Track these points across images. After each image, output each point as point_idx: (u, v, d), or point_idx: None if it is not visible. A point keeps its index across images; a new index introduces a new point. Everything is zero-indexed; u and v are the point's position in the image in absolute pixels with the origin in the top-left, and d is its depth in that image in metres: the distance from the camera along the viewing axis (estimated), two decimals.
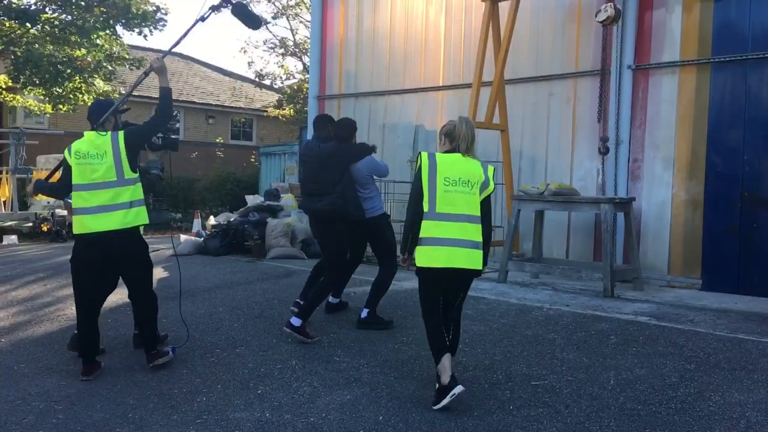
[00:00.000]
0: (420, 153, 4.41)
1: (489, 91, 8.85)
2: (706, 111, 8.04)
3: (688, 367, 4.89)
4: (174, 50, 5.50)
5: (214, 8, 5.39)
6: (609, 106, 8.69)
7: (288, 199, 11.85)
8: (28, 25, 17.14)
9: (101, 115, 4.86)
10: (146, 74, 5.29)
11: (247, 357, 5.26)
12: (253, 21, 5.64)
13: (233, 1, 5.56)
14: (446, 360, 4.15)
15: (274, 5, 25.52)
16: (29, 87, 16.68)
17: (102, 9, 16.76)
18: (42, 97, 16.28)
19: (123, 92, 19.48)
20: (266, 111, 25.23)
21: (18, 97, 18.17)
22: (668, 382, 4.59)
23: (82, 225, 4.74)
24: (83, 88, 17.22)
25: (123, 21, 17.94)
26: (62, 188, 5.01)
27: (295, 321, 5.60)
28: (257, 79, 26.29)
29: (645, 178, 8.51)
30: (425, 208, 4.27)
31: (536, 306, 6.76)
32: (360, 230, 6.06)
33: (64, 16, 17.66)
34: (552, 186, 8.08)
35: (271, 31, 37.76)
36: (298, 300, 6.21)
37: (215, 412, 4.15)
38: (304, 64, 24.95)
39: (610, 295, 7.35)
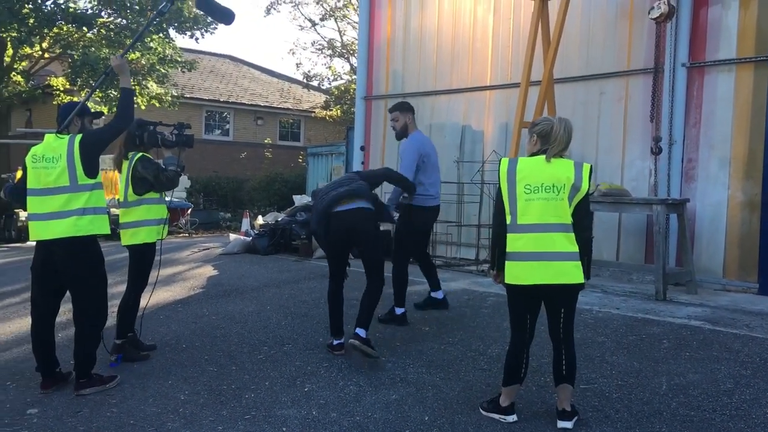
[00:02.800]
0: (501, 159, 4.03)
1: (537, 90, 8.75)
2: (764, 109, 7.76)
3: (743, 372, 4.75)
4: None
5: (171, 0, 5.17)
6: (662, 104, 8.48)
7: None
8: (84, 29, 17.71)
9: (66, 117, 4.61)
10: (106, 74, 5.09)
11: (294, 355, 5.31)
12: (222, 15, 5.24)
13: None
14: (563, 391, 3.87)
15: (323, 7, 25.76)
16: (86, 89, 17.17)
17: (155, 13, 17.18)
18: (98, 99, 16.78)
19: (174, 95, 19.98)
20: (314, 112, 25.45)
21: (75, 99, 18.72)
22: (723, 388, 4.46)
23: (32, 232, 4.51)
24: (137, 91, 17.65)
25: (175, 24, 18.38)
26: (15, 192, 4.81)
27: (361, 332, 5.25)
28: (305, 81, 26.55)
29: (699, 179, 8.28)
30: (507, 220, 3.88)
31: (585, 308, 6.65)
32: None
33: (119, 20, 18.18)
34: (601, 186, 7.93)
35: (319, 33, 38.20)
36: None
37: (263, 409, 4.20)
38: (351, 65, 25.10)
39: (663, 298, 7.18)
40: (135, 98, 17.51)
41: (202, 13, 17.67)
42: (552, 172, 3.82)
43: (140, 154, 5.24)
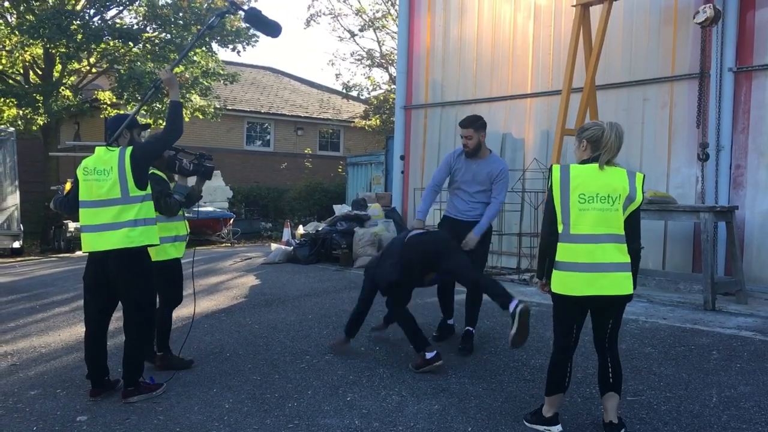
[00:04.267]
0: (551, 166, 3.87)
1: (579, 97, 8.65)
2: None
3: None
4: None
5: (221, 14, 5.16)
6: (709, 110, 8.31)
7: (375, 209, 11.95)
8: (130, 44, 18.17)
9: (116, 130, 4.65)
10: (155, 87, 5.07)
11: (336, 364, 5.33)
12: (269, 28, 5.23)
13: (244, 9, 5.40)
14: (609, 401, 3.82)
15: (362, 18, 25.94)
16: (132, 103, 17.59)
17: (199, 27, 17.53)
18: (144, 113, 17.14)
19: (217, 107, 20.33)
20: (353, 122, 25.61)
21: (121, 112, 19.19)
22: None
23: (85, 243, 4.58)
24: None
25: (218, 38, 18.73)
26: (66, 204, 4.83)
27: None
28: (344, 91, 26.76)
29: (748, 186, 8.08)
30: (559, 229, 3.77)
31: (631, 318, 6.52)
32: None
33: (163, 34, 18.61)
34: (646, 194, 7.80)
35: (358, 44, 38.48)
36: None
37: (306, 418, 4.22)
38: (390, 75, 25.21)
39: (711, 308, 7.01)
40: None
41: (244, 26, 18.01)
42: (607, 182, 3.70)
43: (151, 171, 5.03)
